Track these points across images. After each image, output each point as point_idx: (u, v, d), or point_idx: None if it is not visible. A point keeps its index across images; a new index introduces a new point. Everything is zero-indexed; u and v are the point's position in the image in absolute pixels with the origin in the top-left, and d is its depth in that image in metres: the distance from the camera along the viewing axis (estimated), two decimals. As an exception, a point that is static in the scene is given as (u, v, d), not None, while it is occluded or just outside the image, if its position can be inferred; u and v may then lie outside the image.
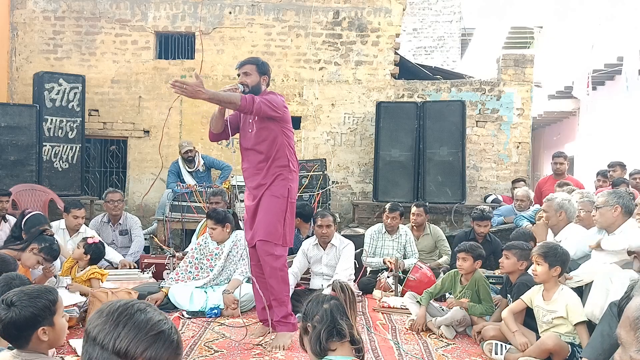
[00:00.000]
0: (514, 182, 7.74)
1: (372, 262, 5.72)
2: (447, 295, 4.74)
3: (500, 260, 4.22)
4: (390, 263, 5.34)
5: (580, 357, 3.25)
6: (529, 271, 4.18)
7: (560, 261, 3.54)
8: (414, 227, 6.23)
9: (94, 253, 4.74)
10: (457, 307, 4.08)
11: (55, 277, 4.63)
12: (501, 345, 3.64)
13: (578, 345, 3.39)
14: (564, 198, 4.59)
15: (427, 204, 6.46)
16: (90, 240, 4.74)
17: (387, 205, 5.92)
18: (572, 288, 3.78)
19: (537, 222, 5.04)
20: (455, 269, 4.50)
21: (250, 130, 3.93)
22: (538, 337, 3.54)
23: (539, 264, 3.56)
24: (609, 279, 3.59)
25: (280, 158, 3.92)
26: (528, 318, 3.78)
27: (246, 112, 3.71)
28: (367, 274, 5.72)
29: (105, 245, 5.16)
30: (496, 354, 3.57)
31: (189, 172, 7.32)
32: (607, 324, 3.06)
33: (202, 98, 3.48)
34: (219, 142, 8.18)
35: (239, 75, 3.96)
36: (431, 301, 4.57)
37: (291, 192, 3.93)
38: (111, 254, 5.78)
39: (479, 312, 4.13)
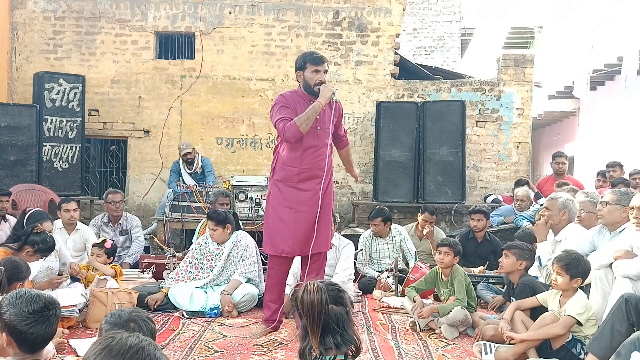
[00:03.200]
0: (516, 183, 7.68)
1: (368, 274, 5.72)
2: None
3: (499, 260, 4.22)
4: (383, 290, 5.25)
5: (585, 352, 3.24)
6: (530, 272, 4.19)
7: (581, 272, 3.48)
8: (422, 229, 6.22)
9: (114, 253, 4.87)
10: (458, 308, 4.07)
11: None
12: (490, 345, 3.64)
13: (581, 342, 3.40)
14: (568, 198, 4.58)
15: (435, 209, 6.43)
16: (107, 245, 4.78)
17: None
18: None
19: (537, 222, 5.03)
20: (436, 268, 4.51)
21: (319, 128, 3.89)
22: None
23: (559, 275, 3.50)
24: (607, 280, 3.59)
25: (330, 163, 3.99)
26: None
27: None
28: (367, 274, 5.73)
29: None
30: (486, 353, 3.57)
31: (188, 173, 7.32)
32: (618, 322, 3.06)
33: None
34: (219, 142, 8.21)
35: (317, 71, 3.88)
36: (429, 304, 4.57)
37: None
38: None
39: (447, 310, 4.09)
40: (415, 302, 4.30)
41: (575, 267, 3.48)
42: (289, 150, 3.91)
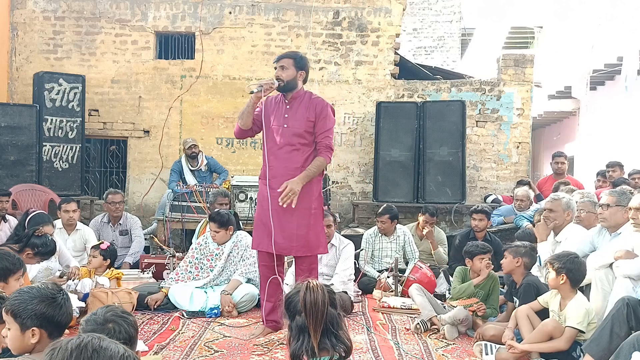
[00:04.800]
0: (518, 183, 7.65)
1: (368, 272, 5.71)
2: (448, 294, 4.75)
3: (501, 261, 4.24)
4: (383, 290, 5.24)
5: (582, 353, 3.24)
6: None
7: (565, 269, 3.45)
8: (422, 229, 6.24)
9: (112, 256, 4.76)
10: (460, 307, 4.07)
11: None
12: (491, 345, 3.63)
13: (578, 342, 3.39)
14: (570, 197, 4.59)
15: (436, 210, 6.43)
16: (103, 246, 4.70)
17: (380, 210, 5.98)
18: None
19: (537, 223, 5.03)
20: (464, 266, 4.52)
21: (285, 126, 3.86)
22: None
23: (549, 271, 3.54)
24: (607, 280, 3.59)
25: (303, 163, 3.90)
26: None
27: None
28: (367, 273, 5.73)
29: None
30: (487, 354, 3.56)
31: (191, 170, 7.36)
32: (617, 325, 3.05)
33: (296, 193, 3.69)
34: (219, 142, 8.21)
35: (275, 69, 3.90)
36: (439, 301, 4.57)
37: (322, 201, 4.05)
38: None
39: (487, 316, 4.14)
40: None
41: (558, 260, 3.48)
42: (264, 149, 3.98)
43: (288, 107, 3.90)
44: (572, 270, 3.46)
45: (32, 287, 2.24)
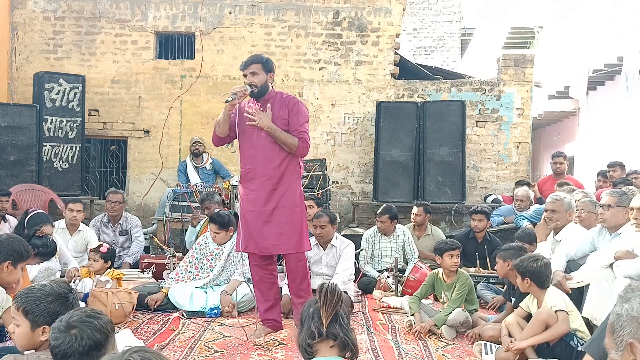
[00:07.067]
0: (517, 183, 7.65)
1: (368, 272, 5.71)
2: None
3: (495, 267, 4.27)
4: (383, 290, 5.24)
5: (581, 348, 3.24)
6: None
7: (528, 272, 3.51)
8: (415, 226, 6.26)
9: (112, 257, 4.76)
10: (459, 309, 4.07)
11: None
12: (490, 345, 3.63)
13: (575, 335, 3.41)
14: (570, 197, 4.60)
15: (428, 203, 6.47)
16: (103, 249, 4.70)
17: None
18: (572, 288, 3.79)
19: (539, 223, 5.03)
20: (435, 271, 4.50)
21: (258, 130, 3.89)
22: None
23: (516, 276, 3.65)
24: (607, 280, 3.58)
25: (293, 164, 3.91)
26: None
27: (301, 156, 3.92)
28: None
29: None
30: (486, 354, 3.57)
31: (195, 167, 7.40)
32: None
33: (264, 126, 3.75)
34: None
35: (245, 75, 3.91)
36: (429, 304, 4.56)
37: (303, 198, 4.03)
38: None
39: (443, 320, 4.05)
40: (414, 315, 4.27)
41: (520, 266, 3.57)
42: (240, 154, 4.00)
43: (261, 109, 3.90)
44: (534, 273, 3.52)
45: (45, 285, 2.23)
